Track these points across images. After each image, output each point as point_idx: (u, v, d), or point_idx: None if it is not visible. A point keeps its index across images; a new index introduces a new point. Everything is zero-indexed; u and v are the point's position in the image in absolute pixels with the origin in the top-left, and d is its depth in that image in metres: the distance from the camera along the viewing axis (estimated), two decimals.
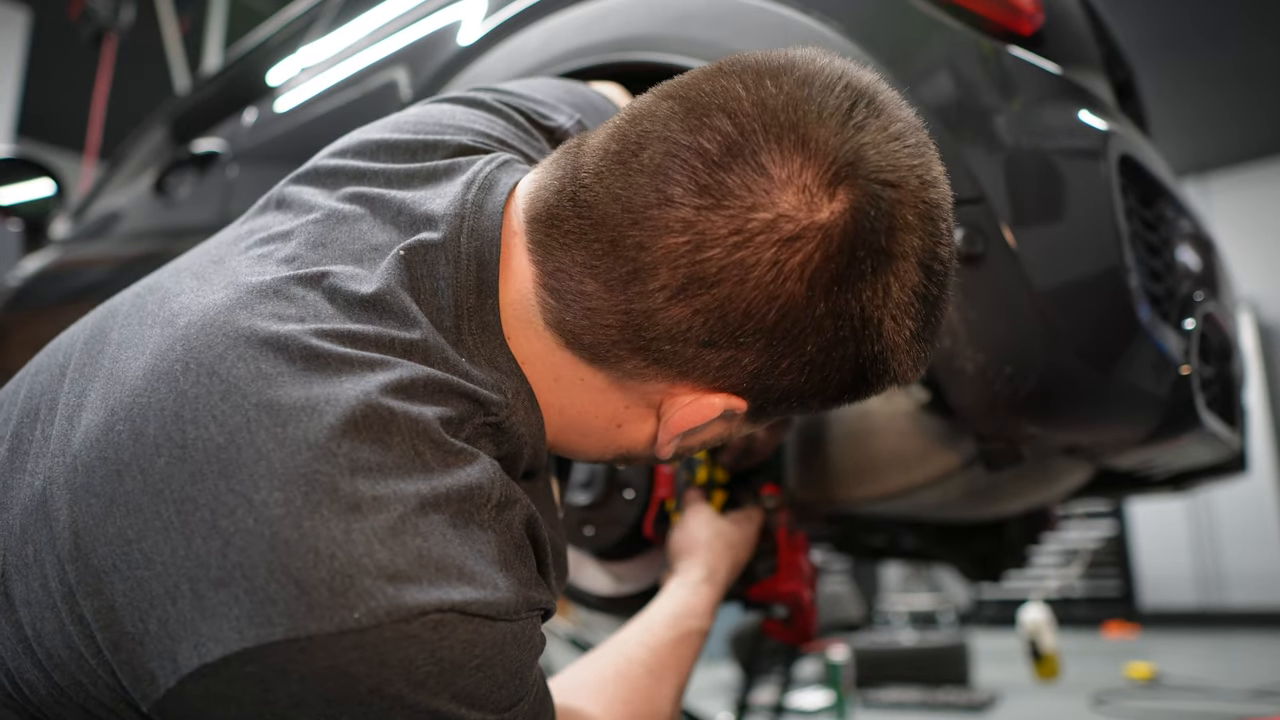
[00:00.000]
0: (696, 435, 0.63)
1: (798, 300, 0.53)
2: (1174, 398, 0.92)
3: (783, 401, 0.59)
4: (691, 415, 0.59)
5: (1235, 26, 5.38)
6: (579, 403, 0.61)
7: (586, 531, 1.04)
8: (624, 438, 0.63)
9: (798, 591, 0.97)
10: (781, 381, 0.57)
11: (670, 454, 0.64)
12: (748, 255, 0.52)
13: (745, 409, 0.59)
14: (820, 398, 0.59)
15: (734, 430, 0.64)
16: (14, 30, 4.92)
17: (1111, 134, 0.93)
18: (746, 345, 0.54)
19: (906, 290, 0.55)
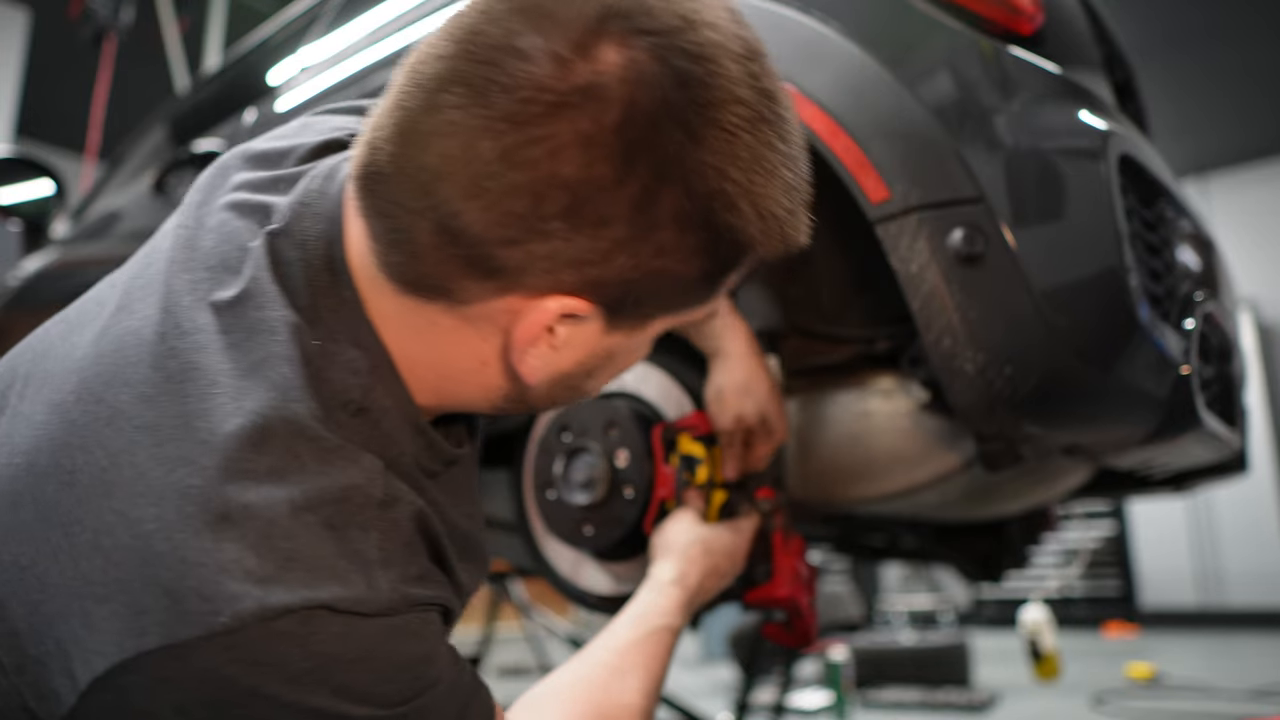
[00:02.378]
0: (563, 355, 0.60)
1: (584, 174, 0.50)
2: (1174, 398, 0.92)
3: (633, 296, 0.57)
4: (532, 326, 0.57)
5: (1235, 27, 5.37)
6: (442, 350, 0.60)
7: (586, 531, 1.04)
8: (498, 376, 0.61)
9: (795, 597, 0.97)
10: (612, 271, 0.54)
11: (544, 380, 0.62)
12: (519, 139, 0.50)
13: (591, 311, 0.57)
14: (677, 288, 0.57)
15: (613, 347, 0.61)
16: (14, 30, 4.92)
17: (1111, 134, 0.93)
18: (550, 234, 0.52)
19: (719, 141, 0.52)
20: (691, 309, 0.62)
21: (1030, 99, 0.90)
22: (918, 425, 1.04)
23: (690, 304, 0.61)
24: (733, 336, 0.99)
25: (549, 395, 0.64)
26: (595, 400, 1.09)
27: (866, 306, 1.14)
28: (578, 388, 0.65)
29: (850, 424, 1.08)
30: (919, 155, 0.87)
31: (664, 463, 0.98)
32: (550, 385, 0.63)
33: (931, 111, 0.87)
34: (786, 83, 0.92)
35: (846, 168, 0.88)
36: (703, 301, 0.61)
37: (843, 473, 1.08)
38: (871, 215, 0.88)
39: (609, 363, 0.64)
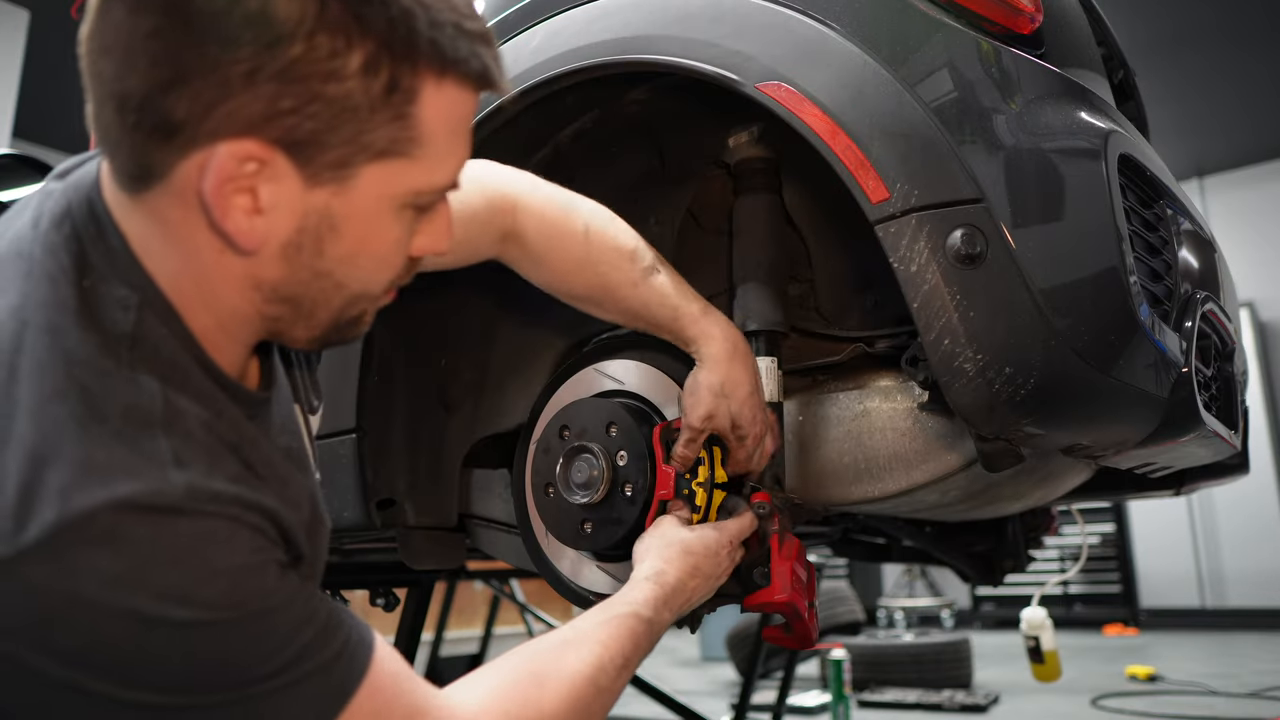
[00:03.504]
0: (274, 219, 0.60)
1: (200, 4, 0.54)
2: (1174, 398, 0.92)
3: (306, 132, 0.57)
4: (217, 178, 0.57)
5: (1234, 28, 5.38)
6: (184, 252, 0.62)
7: (586, 530, 1.04)
8: (229, 258, 0.62)
9: (793, 601, 0.97)
10: (263, 101, 0.55)
11: (271, 253, 0.62)
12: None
13: (270, 153, 0.57)
14: (349, 114, 0.57)
15: (329, 210, 0.61)
16: (14, 30, 4.92)
17: (1111, 134, 0.93)
18: (191, 72, 0.55)
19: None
20: (395, 151, 0.61)
21: (1030, 99, 0.90)
22: (918, 425, 1.04)
23: (379, 136, 0.59)
24: (712, 339, 0.98)
25: (294, 278, 0.64)
26: (595, 400, 1.09)
27: (866, 306, 1.14)
28: (319, 268, 0.64)
29: (850, 424, 1.08)
30: (919, 155, 0.87)
31: (664, 463, 0.98)
32: (285, 263, 0.62)
33: (931, 111, 0.87)
34: (785, 82, 0.93)
35: (846, 168, 0.88)
36: (400, 138, 0.60)
37: (842, 473, 1.08)
38: (871, 215, 0.88)
39: (334, 231, 0.62)
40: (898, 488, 1.04)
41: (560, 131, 1.22)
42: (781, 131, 0.98)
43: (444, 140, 0.63)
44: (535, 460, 1.11)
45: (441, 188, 0.66)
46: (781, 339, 1.07)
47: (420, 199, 0.65)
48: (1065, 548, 6.58)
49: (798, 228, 1.16)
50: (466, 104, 0.64)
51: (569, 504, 1.04)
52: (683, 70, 0.99)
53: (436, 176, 0.65)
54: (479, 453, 1.33)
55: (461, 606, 3.88)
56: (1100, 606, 6.95)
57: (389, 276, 0.69)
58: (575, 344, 1.28)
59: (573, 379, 1.18)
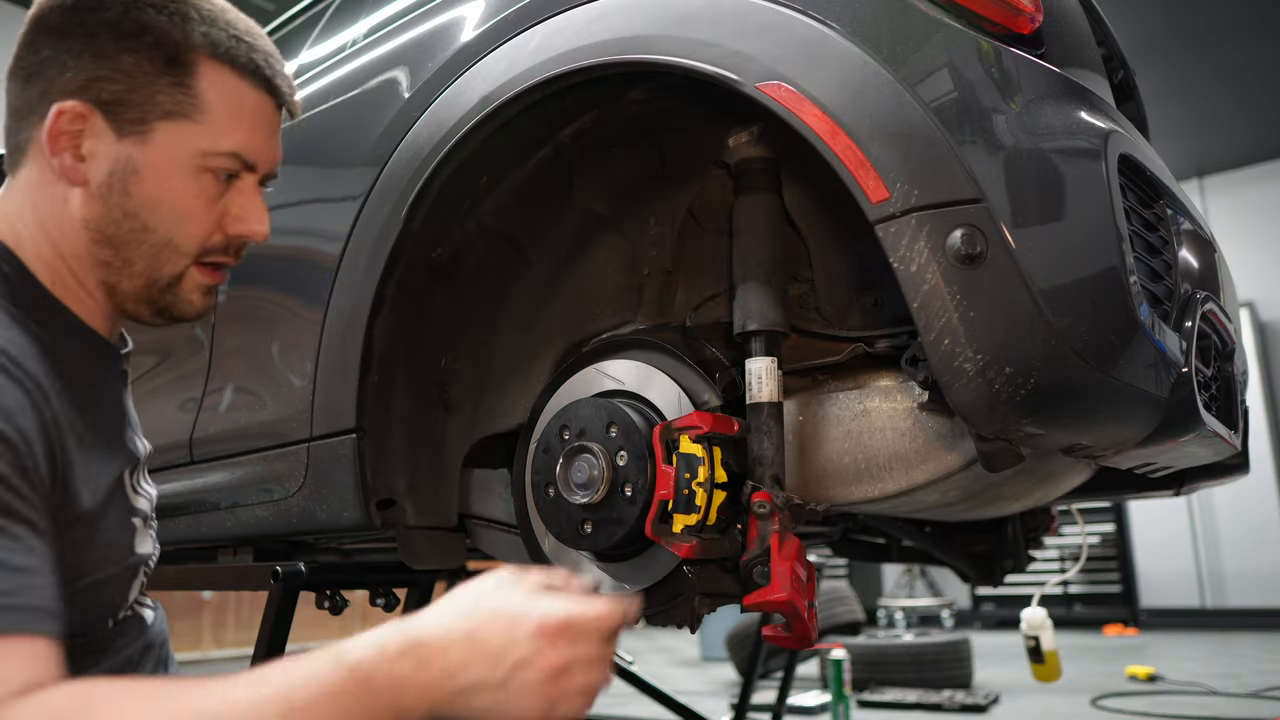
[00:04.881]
0: (93, 165, 0.79)
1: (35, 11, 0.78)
2: (1174, 398, 0.91)
3: (109, 92, 0.78)
4: (50, 129, 0.78)
5: (1233, 27, 5.37)
6: (37, 200, 0.81)
7: (586, 530, 1.04)
8: (72, 206, 0.80)
9: (793, 600, 0.97)
10: (73, 72, 0.78)
11: (95, 195, 0.80)
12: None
13: (86, 109, 0.78)
14: (137, 76, 0.79)
15: (134, 158, 0.79)
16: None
17: (1111, 133, 0.93)
18: (27, 60, 0.80)
19: None
20: (181, 114, 0.80)
21: (1030, 99, 0.90)
22: (918, 425, 1.03)
23: (167, 100, 0.80)
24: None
25: (109, 217, 0.80)
26: (595, 400, 1.09)
27: (866, 306, 1.14)
28: (128, 208, 0.80)
29: (850, 424, 1.08)
30: (919, 155, 0.86)
31: (664, 463, 0.98)
32: (103, 202, 0.80)
33: (931, 111, 0.87)
34: (785, 82, 0.93)
35: (846, 167, 0.88)
36: (185, 104, 0.80)
37: (842, 473, 1.08)
38: (871, 215, 0.88)
39: (136, 174, 0.80)
40: (898, 488, 1.04)
41: (560, 132, 1.22)
42: (781, 131, 0.98)
43: (224, 113, 0.82)
44: (535, 460, 1.11)
45: (226, 152, 0.82)
46: (781, 339, 1.07)
47: (209, 161, 0.82)
48: (1065, 548, 6.58)
49: (798, 228, 1.16)
50: (245, 92, 0.83)
51: (569, 504, 1.04)
52: (683, 70, 0.99)
53: (220, 142, 0.82)
54: (479, 453, 1.33)
55: None
56: (1100, 606, 6.95)
57: (192, 231, 0.83)
58: (575, 344, 1.28)
59: (573, 379, 1.18)
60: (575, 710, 0.65)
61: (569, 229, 1.30)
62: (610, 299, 1.27)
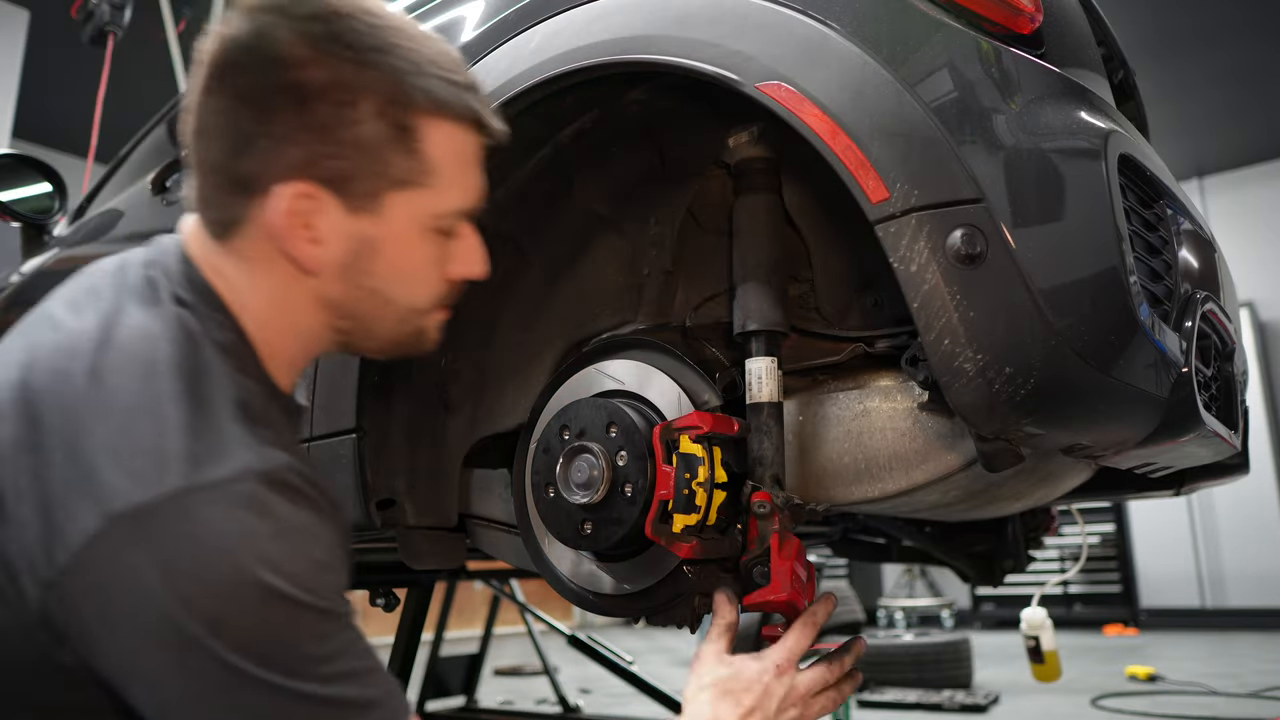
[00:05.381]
0: (329, 247, 0.75)
1: (244, 89, 0.72)
2: (1174, 398, 0.91)
3: (342, 171, 0.73)
4: (279, 215, 0.73)
5: (1233, 29, 5.37)
6: (265, 284, 0.77)
7: (586, 530, 1.04)
8: (306, 287, 0.78)
9: (793, 600, 0.97)
10: (303, 149, 0.72)
11: (332, 274, 0.77)
12: (204, 85, 0.74)
13: (318, 190, 0.73)
14: (372, 153, 0.74)
15: (369, 234, 0.76)
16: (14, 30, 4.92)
17: (1111, 133, 0.93)
18: (251, 137, 0.72)
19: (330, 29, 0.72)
20: (412, 181, 0.76)
21: (1030, 99, 0.90)
22: (918, 425, 1.03)
23: (396, 169, 0.75)
24: None
25: (351, 295, 0.79)
26: (595, 400, 1.09)
27: (866, 306, 1.14)
28: (369, 285, 0.79)
29: (850, 424, 1.08)
30: (919, 155, 0.86)
31: (664, 463, 0.98)
32: (342, 281, 0.78)
33: (931, 111, 0.87)
34: (785, 82, 0.93)
35: (846, 167, 0.88)
36: (415, 169, 0.76)
37: (842, 473, 1.08)
38: (871, 215, 0.88)
39: (375, 251, 0.77)
40: (898, 488, 1.04)
41: (560, 132, 1.22)
42: (781, 131, 0.98)
43: (451, 170, 0.78)
44: (535, 460, 1.11)
45: (457, 211, 0.80)
46: (781, 339, 1.07)
47: (441, 222, 0.79)
48: (1065, 548, 6.58)
49: (798, 228, 1.16)
50: (466, 141, 0.79)
51: (569, 504, 1.04)
52: (683, 70, 0.99)
53: (450, 202, 0.79)
54: (479, 453, 1.33)
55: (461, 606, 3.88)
56: (1100, 606, 6.95)
57: (428, 292, 0.82)
58: (575, 344, 1.28)
59: (573, 379, 1.18)
60: (823, 708, 0.94)
61: (569, 229, 1.30)
62: (610, 299, 1.27)
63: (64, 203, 2.55)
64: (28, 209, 2.49)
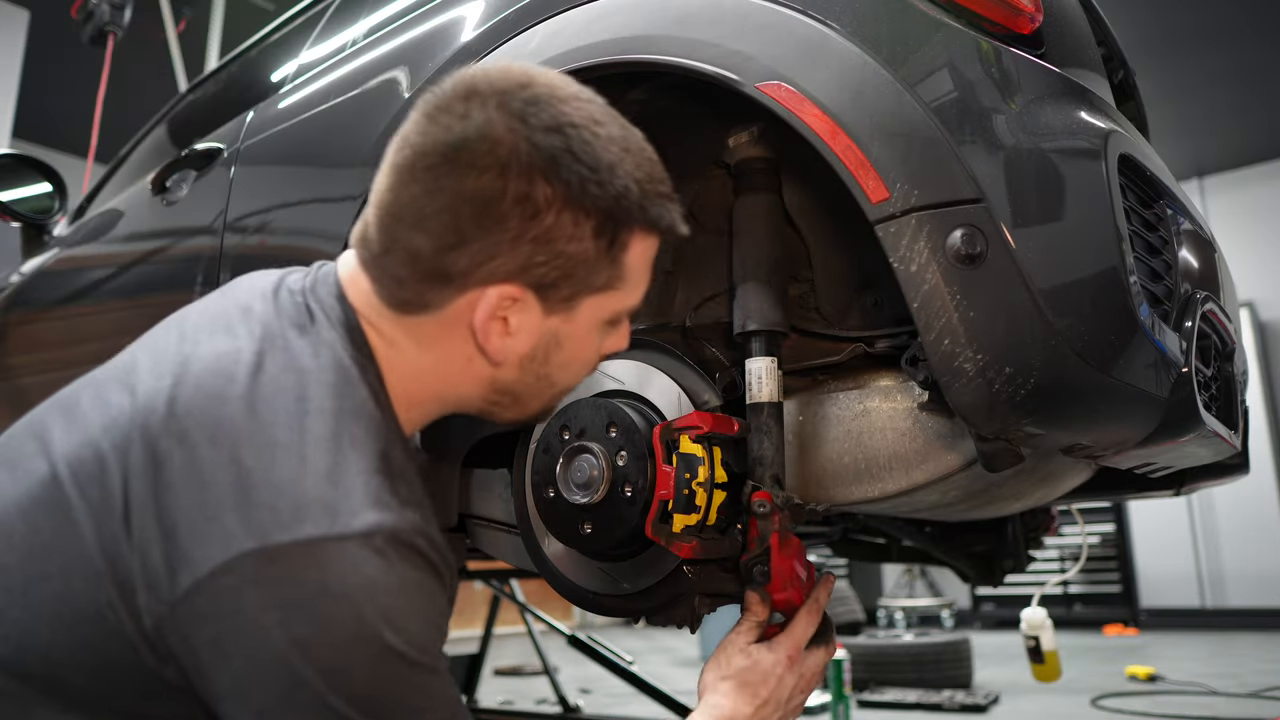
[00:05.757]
0: (519, 339, 0.78)
1: (475, 190, 0.71)
2: (1174, 398, 0.91)
3: (550, 277, 0.75)
4: (485, 311, 0.75)
5: (1233, 29, 5.37)
6: (435, 356, 0.79)
7: (586, 530, 1.04)
8: (478, 362, 0.80)
9: (792, 600, 0.97)
10: (522, 256, 0.73)
11: (512, 362, 0.80)
12: (431, 178, 0.73)
13: (524, 294, 0.75)
14: (579, 262, 0.75)
15: (557, 330, 0.79)
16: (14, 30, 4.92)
17: (1111, 133, 0.93)
18: (470, 238, 0.72)
19: (559, 139, 0.72)
20: (607, 286, 0.79)
21: (1030, 99, 0.90)
22: (918, 425, 1.03)
23: (599, 278, 0.77)
24: None
25: (521, 380, 0.82)
26: (595, 400, 1.09)
27: (866, 306, 1.13)
28: (541, 373, 0.82)
29: (850, 424, 1.08)
30: (919, 155, 0.86)
31: (664, 463, 0.98)
32: (519, 369, 0.81)
33: (931, 111, 0.87)
34: (785, 82, 0.92)
35: (846, 167, 0.88)
36: (613, 277, 0.78)
37: (842, 473, 1.08)
38: (871, 215, 0.88)
39: (558, 346, 0.81)
40: (898, 488, 1.04)
41: None
42: (781, 131, 0.98)
43: (639, 275, 0.81)
44: (535, 460, 1.11)
45: (632, 308, 0.84)
46: (781, 339, 1.06)
47: (618, 317, 0.84)
48: (1065, 548, 6.57)
49: (798, 228, 1.16)
50: (655, 246, 0.82)
51: (569, 504, 1.04)
52: (683, 70, 0.99)
53: (630, 300, 0.83)
54: (479, 453, 1.33)
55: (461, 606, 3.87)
56: (1100, 606, 6.95)
57: (585, 374, 0.87)
58: None
59: None
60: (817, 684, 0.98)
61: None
62: None
63: (64, 203, 2.55)
64: (28, 209, 2.49)
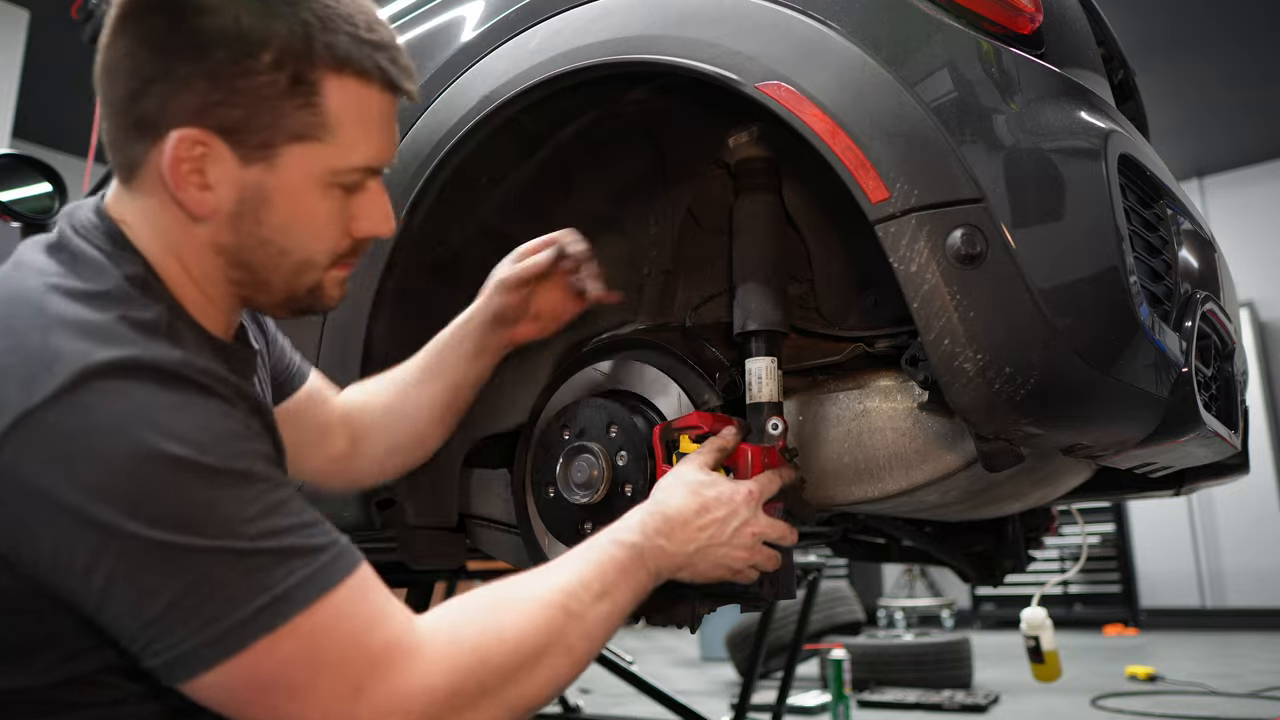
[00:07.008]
0: (220, 193, 0.74)
1: (135, 33, 0.72)
2: (1174, 398, 0.91)
3: (234, 118, 0.72)
4: (172, 162, 0.72)
5: (1233, 29, 5.37)
6: (155, 223, 0.76)
7: (586, 530, 1.04)
8: (197, 232, 0.76)
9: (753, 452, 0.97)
10: (195, 96, 0.71)
11: (223, 223, 0.76)
12: (108, 32, 0.74)
13: (209, 138, 0.72)
14: (263, 101, 0.72)
15: (262, 184, 0.75)
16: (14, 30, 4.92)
17: (1111, 133, 0.93)
18: (147, 80, 0.72)
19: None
20: (309, 135, 0.74)
21: (1030, 99, 0.90)
22: (918, 425, 1.03)
23: (293, 122, 0.74)
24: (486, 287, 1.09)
25: (243, 245, 0.77)
26: (595, 400, 1.09)
27: (866, 306, 1.14)
28: (262, 236, 0.77)
29: (850, 424, 1.08)
30: (919, 155, 0.86)
31: (664, 462, 0.98)
32: (234, 230, 0.76)
33: (931, 111, 0.87)
34: (785, 82, 0.92)
35: (846, 167, 0.88)
36: (313, 124, 0.74)
37: (843, 473, 1.08)
38: (871, 215, 0.88)
39: (267, 203, 0.76)
40: (898, 488, 1.04)
41: (560, 131, 1.22)
42: (782, 131, 0.98)
43: (352, 127, 0.76)
44: (535, 460, 1.11)
45: (356, 168, 0.78)
46: (781, 339, 1.07)
47: (340, 178, 0.78)
48: (1065, 548, 6.57)
49: (798, 228, 1.16)
50: (372, 99, 0.77)
51: (569, 504, 1.04)
52: (683, 70, 0.99)
53: (350, 159, 0.77)
54: (479, 453, 1.33)
55: None
56: (1100, 606, 6.94)
57: (325, 247, 0.80)
58: (575, 344, 1.28)
59: (573, 379, 1.18)
60: (765, 559, 0.93)
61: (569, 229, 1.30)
62: None
63: (64, 203, 2.55)
64: (28, 209, 2.49)
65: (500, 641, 0.69)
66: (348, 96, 0.76)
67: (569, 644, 0.73)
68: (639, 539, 0.83)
